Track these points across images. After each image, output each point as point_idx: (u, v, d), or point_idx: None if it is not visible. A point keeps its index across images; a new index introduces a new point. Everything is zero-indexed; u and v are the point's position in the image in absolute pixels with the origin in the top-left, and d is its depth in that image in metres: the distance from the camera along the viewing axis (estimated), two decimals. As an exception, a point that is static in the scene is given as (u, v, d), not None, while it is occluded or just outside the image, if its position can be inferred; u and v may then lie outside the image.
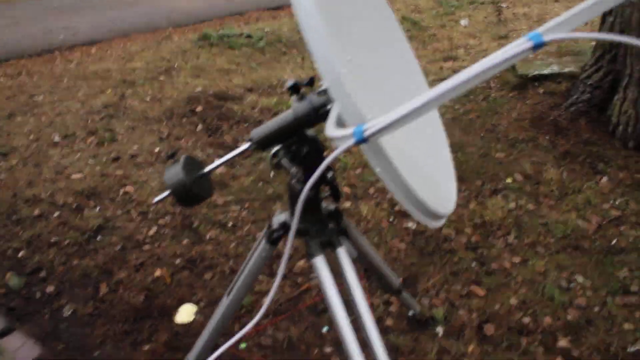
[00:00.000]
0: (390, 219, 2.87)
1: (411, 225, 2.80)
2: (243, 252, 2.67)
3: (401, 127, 0.82)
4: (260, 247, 1.45)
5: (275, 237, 1.43)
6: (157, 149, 3.75)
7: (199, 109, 4.31)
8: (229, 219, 2.94)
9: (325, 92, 1.17)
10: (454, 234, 2.74)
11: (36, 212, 3.07)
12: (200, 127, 4.06)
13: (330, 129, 0.89)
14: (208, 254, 2.67)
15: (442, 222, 1.15)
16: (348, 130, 0.82)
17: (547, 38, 0.75)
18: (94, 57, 6.07)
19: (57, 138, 3.97)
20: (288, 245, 1.08)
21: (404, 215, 2.89)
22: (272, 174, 3.36)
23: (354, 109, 0.86)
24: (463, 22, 7.04)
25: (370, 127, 0.79)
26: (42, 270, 2.62)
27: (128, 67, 5.51)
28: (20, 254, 2.74)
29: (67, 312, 2.38)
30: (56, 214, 3.05)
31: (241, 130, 4.00)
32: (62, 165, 3.58)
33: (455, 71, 4.98)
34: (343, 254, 1.39)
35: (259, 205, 3.06)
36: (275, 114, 4.20)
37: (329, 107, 1.15)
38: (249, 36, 6.37)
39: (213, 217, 2.96)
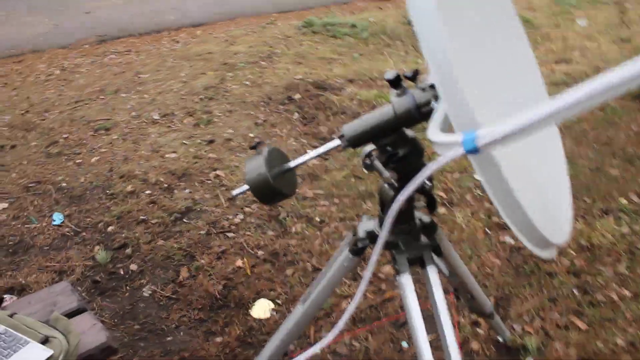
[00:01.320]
0: (487, 230, 2.66)
1: (509, 239, 2.59)
2: (327, 250, 2.56)
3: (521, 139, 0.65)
4: (342, 256, 1.31)
5: (360, 248, 1.28)
6: (251, 134, 3.72)
7: (296, 96, 4.25)
8: (316, 214, 2.84)
9: (429, 87, 1.02)
10: (555, 254, 2.50)
11: (129, 188, 3.11)
12: (296, 115, 3.99)
13: (434, 133, 0.75)
14: (292, 248, 2.59)
15: (553, 252, 0.97)
16: (457, 137, 0.67)
17: None
18: (198, 39, 6.17)
19: (156, 116, 4.04)
20: (372, 260, 0.93)
21: (502, 227, 2.67)
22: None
23: (466, 111, 0.71)
24: (581, 22, 6.58)
25: (484, 135, 0.64)
26: (128, 247, 2.64)
27: (230, 50, 5.54)
28: (109, 229, 2.78)
29: (146, 292, 2.38)
30: (147, 191, 3.08)
31: (337, 122, 3.89)
32: (158, 144, 3.62)
33: (568, 75, 4.63)
34: (433, 273, 1.23)
35: (349, 202, 2.94)
36: (375, 107, 4.06)
37: (433, 105, 0.99)
38: (353, 26, 6.25)
39: (301, 210, 2.87)
